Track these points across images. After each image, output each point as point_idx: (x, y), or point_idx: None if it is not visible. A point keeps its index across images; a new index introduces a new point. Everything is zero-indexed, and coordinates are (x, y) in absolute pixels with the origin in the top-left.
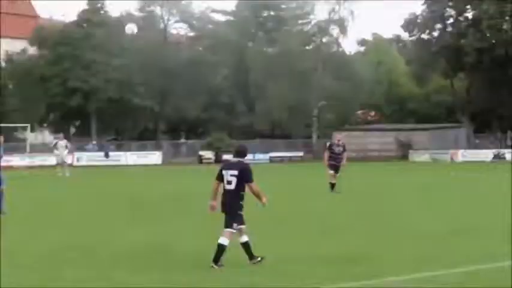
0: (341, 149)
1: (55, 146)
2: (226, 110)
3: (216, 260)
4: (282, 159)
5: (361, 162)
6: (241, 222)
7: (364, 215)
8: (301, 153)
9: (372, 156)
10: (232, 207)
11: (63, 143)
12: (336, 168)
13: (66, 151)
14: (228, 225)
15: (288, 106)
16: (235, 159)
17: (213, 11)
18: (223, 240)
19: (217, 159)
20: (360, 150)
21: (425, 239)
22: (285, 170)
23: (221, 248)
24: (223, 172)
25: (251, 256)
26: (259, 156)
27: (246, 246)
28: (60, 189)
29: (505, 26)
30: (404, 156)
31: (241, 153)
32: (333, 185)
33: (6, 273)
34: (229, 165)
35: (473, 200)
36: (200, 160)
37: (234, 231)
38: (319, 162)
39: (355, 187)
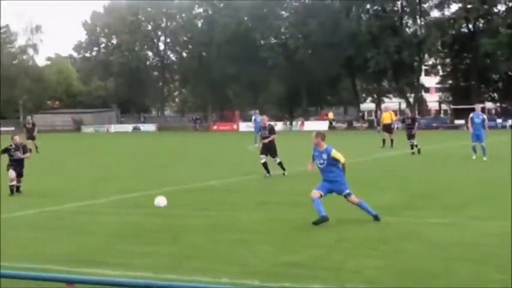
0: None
1: None
2: None
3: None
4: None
5: (51, 133)
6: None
7: None
8: (13, 128)
9: (57, 129)
10: None
11: None
12: None
13: None
14: None
15: (3, 98)
16: None
17: None
18: None
19: None
20: (49, 125)
21: None
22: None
23: None
24: None
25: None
26: None
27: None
28: None
29: (137, 48)
30: (78, 129)
31: None
32: None
33: None
34: None
35: None
36: None
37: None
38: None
39: None
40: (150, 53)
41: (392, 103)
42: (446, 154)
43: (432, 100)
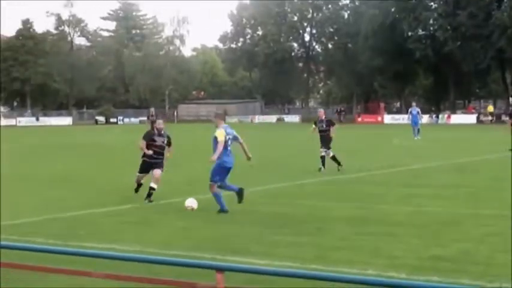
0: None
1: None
2: (112, 91)
3: None
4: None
5: (195, 123)
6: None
7: None
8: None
9: (202, 120)
10: None
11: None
12: None
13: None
14: None
15: (150, 89)
16: None
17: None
18: None
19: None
20: (194, 115)
21: None
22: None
23: None
24: None
25: None
26: (132, 119)
27: None
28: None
29: (282, 39)
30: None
31: None
32: None
33: None
34: None
35: None
36: (96, 121)
37: None
38: (170, 123)
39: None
40: (295, 44)
41: None
42: None
43: None
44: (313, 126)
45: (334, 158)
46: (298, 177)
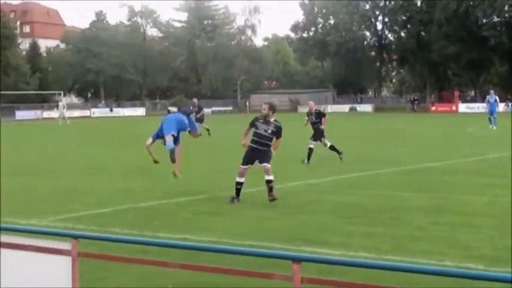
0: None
1: (57, 106)
2: (184, 81)
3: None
4: (219, 112)
5: None
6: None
7: None
8: (231, 108)
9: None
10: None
11: (62, 103)
12: None
13: (64, 109)
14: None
15: (221, 79)
16: None
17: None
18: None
19: None
20: None
21: None
22: (224, 118)
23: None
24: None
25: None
26: (205, 109)
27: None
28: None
29: (354, 28)
30: (294, 109)
31: None
32: None
33: None
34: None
35: None
36: (168, 112)
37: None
38: (242, 114)
39: None
40: (367, 33)
41: None
42: None
43: None
44: (306, 118)
45: (332, 148)
46: (373, 167)
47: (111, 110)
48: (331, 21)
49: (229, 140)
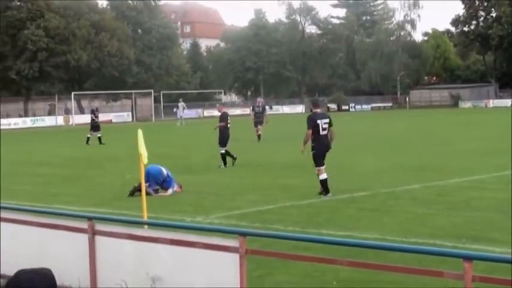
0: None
1: (177, 106)
2: (343, 78)
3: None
4: (379, 108)
5: (428, 108)
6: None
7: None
8: (390, 104)
9: (434, 105)
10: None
11: (181, 104)
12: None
13: (184, 110)
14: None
15: (381, 75)
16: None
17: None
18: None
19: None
20: (426, 101)
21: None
22: (384, 114)
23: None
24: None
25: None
26: (364, 106)
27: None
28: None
29: None
30: (455, 104)
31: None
32: None
33: None
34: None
35: None
36: (328, 109)
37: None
38: (403, 109)
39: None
40: None
41: None
42: None
43: None
44: None
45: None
46: None
47: (270, 108)
48: (493, 14)
49: (390, 137)
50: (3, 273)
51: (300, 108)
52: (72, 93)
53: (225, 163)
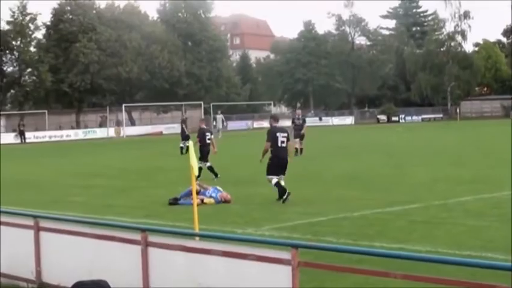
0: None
1: (215, 118)
2: (393, 89)
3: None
4: (429, 119)
5: (479, 120)
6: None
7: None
8: (441, 115)
9: (485, 116)
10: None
11: (220, 117)
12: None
13: (224, 123)
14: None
15: (431, 86)
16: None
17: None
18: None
19: (388, 120)
20: (477, 112)
21: None
22: (434, 125)
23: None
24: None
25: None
26: (414, 117)
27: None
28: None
29: None
30: (507, 116)
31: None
32: None
33: None
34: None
35: None
36: (377, 120)
37: None
38: (453, 121)
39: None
40: None
41: None
42: None
43: None
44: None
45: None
46: None
47: (320, 119)
48: None
49: (441, 148)
50: (63, 286)
51: (349, 120)
52: (123, 105)
53: (215, 174)
